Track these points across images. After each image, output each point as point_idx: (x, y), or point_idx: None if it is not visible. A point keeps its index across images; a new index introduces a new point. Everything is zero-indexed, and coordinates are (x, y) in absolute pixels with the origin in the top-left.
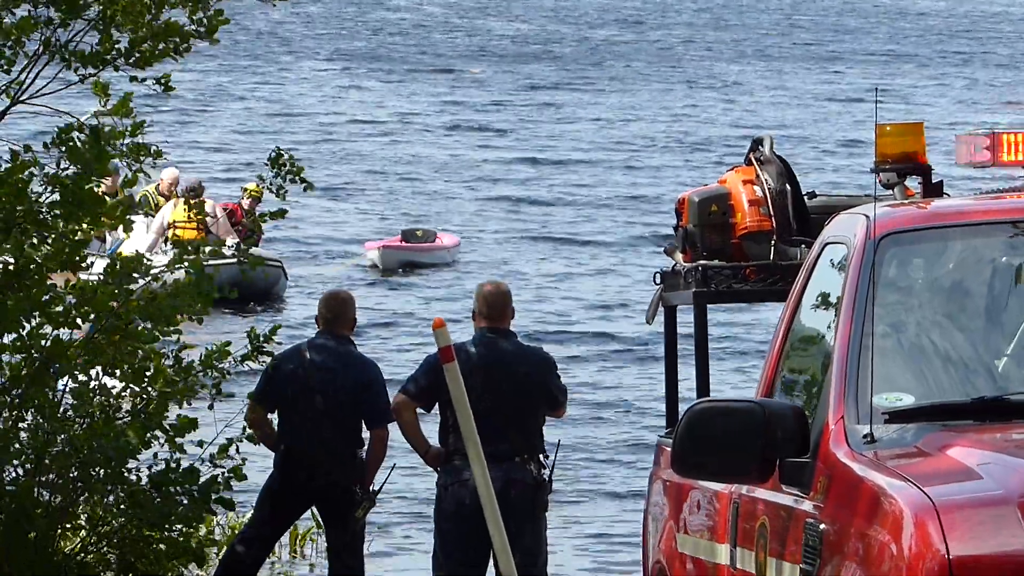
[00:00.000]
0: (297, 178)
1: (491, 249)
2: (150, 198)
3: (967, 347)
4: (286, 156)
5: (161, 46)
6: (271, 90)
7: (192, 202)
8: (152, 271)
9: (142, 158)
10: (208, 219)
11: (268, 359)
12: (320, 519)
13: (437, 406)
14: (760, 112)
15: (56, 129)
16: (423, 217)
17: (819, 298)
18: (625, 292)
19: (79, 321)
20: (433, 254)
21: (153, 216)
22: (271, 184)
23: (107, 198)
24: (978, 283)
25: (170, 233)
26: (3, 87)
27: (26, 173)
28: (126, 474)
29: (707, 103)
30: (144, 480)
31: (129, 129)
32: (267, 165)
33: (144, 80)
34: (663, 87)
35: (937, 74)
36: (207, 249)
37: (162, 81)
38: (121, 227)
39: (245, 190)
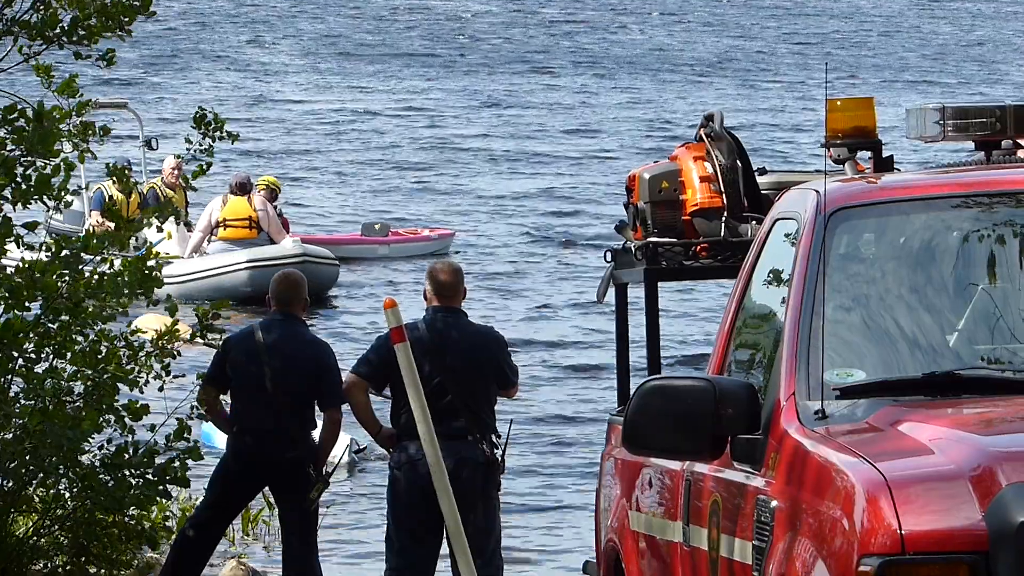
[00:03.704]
0: (224, 134)
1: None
2: (158, 191)
3: (918, 322)
4: (210, 114)
5: (105, 21)
6: (240, 78)
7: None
8: (100, 252)
9: (89, 136)
10: (259, 215)
11: (218, 338)
12: (273, 500)
13: (389, 387)
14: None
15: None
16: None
17: (770, 274)
18: (580, 280)
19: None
20: (351, 247)
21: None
22: (199, 145)
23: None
24: (929, 258)
25: (220, 231)
26: None
27: None
28: (79, 457)
29: (657, 87)
30: (97, 464)
31: (75, 108)
32: (193, 127)
33: (87, 57)
34: (616, 72)
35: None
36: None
37: (106, 57)
38: (153, 227)
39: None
